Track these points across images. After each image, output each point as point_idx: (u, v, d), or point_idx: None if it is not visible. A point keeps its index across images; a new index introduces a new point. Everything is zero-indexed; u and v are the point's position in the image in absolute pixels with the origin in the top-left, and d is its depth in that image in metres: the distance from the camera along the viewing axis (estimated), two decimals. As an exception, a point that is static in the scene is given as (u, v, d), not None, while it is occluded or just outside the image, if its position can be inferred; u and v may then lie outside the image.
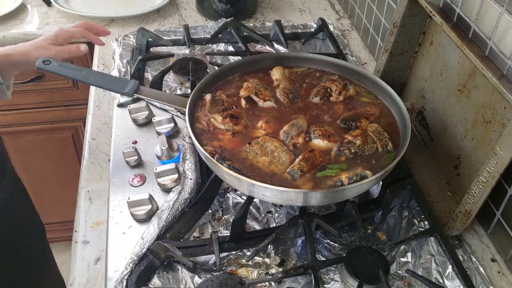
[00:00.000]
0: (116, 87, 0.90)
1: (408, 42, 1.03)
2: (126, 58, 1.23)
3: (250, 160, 0.80)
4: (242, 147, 0.82)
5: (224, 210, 0.89)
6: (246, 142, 0.82)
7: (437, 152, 0.98)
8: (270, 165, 0.79)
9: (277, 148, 0.81)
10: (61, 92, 1.58)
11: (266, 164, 0.79)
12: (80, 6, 1.52)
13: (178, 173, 0.89)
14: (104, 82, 0.90)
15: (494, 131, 0.80)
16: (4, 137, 1.62)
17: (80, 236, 0.83)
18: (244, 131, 0.86)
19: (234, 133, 0.85)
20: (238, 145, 0.83)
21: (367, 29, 1.36)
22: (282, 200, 0.76)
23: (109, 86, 0.90)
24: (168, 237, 0.79)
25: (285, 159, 0.79)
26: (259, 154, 0.80)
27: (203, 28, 1.39)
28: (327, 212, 0.89)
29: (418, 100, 1.05)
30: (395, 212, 0.88)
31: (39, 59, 0.88)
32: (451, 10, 0.88)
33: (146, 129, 1.04)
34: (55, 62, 0.88)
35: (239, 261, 0.80)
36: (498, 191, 0.79)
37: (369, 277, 0.74)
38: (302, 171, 0.77)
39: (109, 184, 0.91)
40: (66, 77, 0.90)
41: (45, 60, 0.88)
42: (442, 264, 0.79)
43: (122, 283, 0.72)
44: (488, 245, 0.85)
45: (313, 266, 0.74)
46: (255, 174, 0.77)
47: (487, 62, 0.77)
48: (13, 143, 1.66)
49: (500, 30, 0.76)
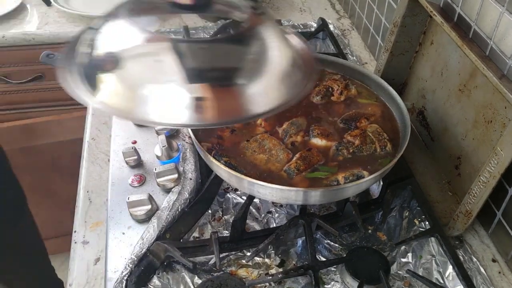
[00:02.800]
0: None
1: (409, 42, 1.02)
2: (126, 58, 1.23)
3: (247, 157, 0.80)
4: (240, 144, 0.82)
5: (224, 210, 0.88)
6: (245, 140, 0.82)
7: (438, 152, 0.98)
8: (267, 162, 0.79)
9: (275, 146, 0.81)
10: (61, 92, 1.56)
11: (263, 161, 0.79)
12: (80, 6, 1.51)
13: (178, 173, 0.89)
14: None
15: (494, 131, 0.80)
16: (4, 137, 1.62)
17: (80, 236, 0.83)
18: (243, 129, 0.86)
19: (233, 130, 0.85)
20: (237, 142, 0.83)
21: (367, 28, 1.36)
22: (281, 198, 0.76)
23: None
24: (167, 237, 0.79)
25: (282, 157, 0.79)
26: (257, 151, 0.80)
27: (203, 29, 1.39)
28: (327, 212, 0.89)
29: (418, 100, 1.04)
30: (395, 212, 0.88)
31: (44, 53, 0.89)
32: (452, 10, 0.88)
33: (145, 129, 1.03)
34: (59, 55, 0.89)
35: (239, 262, 0.80)
36: (498, 191, 0.79)
37: (370, 277, 0.74)
38: (298, 169, 0.77)
39: (108, 184, 0.91)
40: None
41: (49, 54, 0.89)
42: (442, 264, 0.79)
43: (121, 283, 0.72)
44: (489, 245, 0.85)
45: (313, 267, 0.74)
46: (251, 171, 0.77)
47: (488, 62, 0.77)
48: (13, 143, 1.66)
49: (500, 30, 0.76)
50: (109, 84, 0.58)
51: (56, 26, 1.44)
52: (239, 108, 0.59)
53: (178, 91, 0.56)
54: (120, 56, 0.58)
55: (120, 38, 0.60)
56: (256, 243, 0.78)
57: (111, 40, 0.61)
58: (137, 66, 0.58)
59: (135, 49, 0.58)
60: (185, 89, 0.56)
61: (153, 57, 0.58)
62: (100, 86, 0.58)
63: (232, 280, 0.74)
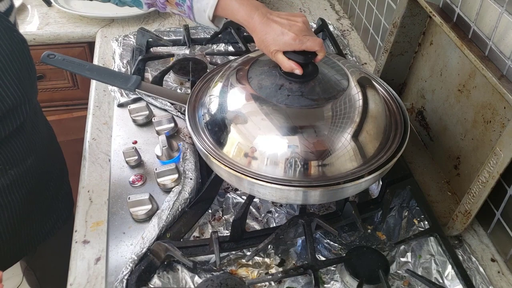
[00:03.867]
0: (118, 82, 0.92)
1: (408, 42, 1.03)
2: (126, 58, 1.23)
3: None
4: None
5: (224, 210, 0.89)
6: None
7: (437, 152, 0.98)
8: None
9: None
10: (61, 92, 1.58)
11: None
12: (80, 6, 1.52)
13: (178, 173, 0.90)
14: (106, 77, 0.92)
15: (494, 131, 0.80)
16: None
17: (80, 236, 0.83)
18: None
19: None
20: None
21: (367, 29, 1.36)
22: (280, 198, 0.76)
23: (111, 81, 0.92)
24: (168, 237, 0.79)
25: None
26: None
27: (203, 28, 1.39)
28: (327, 212, 0.89)
29: (418, 100, 1.05)
30: (395, 212, 0.88)
31: (45, 53, 0.90)
32: (451, 10, 0.88)
33: (146, 129, 1.04)
34: (59, 56, 0.91)
35: (239, 261, 0.80)
36: (498, 191, 0.79)
37: (369, 277, 0.74)
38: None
39: (109, 184, 0.91)
40: (70, 72, 0.92)
41: (50, 54, 0.90)
42: (442, 264, 0.79)
43: (122, 282, 0.72)
44: (488, 245, 0.85)
45: (313, 266, 0.74)
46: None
47: (487, 62, 0.77)
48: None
49: (500, 30, 0.76)
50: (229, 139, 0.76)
51: (56, 27, 1.44)
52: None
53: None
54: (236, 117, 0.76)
55: (233, 100, 0.78)
56: (256, 243, 0.78)
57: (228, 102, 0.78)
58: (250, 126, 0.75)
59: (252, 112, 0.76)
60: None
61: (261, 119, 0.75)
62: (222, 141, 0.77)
63: (232, 279, 0.74)
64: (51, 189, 1.01)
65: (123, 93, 1.11)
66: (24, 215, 0.93)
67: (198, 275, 0.77)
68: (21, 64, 0.80)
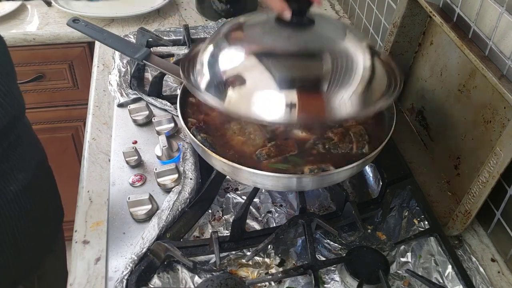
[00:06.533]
0: (128, 51, 0.97)
1: (408, 42, 1.03)
2: (126, 58, 1.23)
3: (227, 137, 0.81)
4: (225, 125, 0.83)
5: (224, 210, 0.89)
6: (230, 120, 0.84)
7: (437, 152, 0.98)
8: (243, 145, 0.80)
9: (255, 130, 0.82)
10: (61, 92, 1.58)
11: (239, 143, 0.80)
12: (80, 6, 1.51)
13: (178, 173, 0.89)
14: (119, 45, 0.99)
15: (494, 131, 0.80)
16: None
17: (80, 236, 0.83)
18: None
19: None
20: (222, 122, 0.84)
21: (367, 29, 1.36)
22: (274, 186, 0.78)
23: (123, 49, 0.98)
24: (168, 237, 0.79)
25: (258, 142, 0.81)
26: (237, 133, 0.82)
27: (203, 28, 1.39)
28: (327, 212, 0.89)
29: (418, 100, 1.05)
30: (395, 212, 0.88)
31: (71, 18, 0.98)
32: (451, 10, 0.88)
33: (146, 129, 1.04)
34: (83, 22, 0.98)
35: (239, 261, 0.80)
36: (498, 191, 0.79)
37: (369, 277, 0.74)
38: (269, 155, 0.78)
39: (109, 184, 0.91)
40: (90, 37, 0.99)
41: (75, 19, 0.98)
42: (442, 264, 0.79)
43: (122, 283, 0.72)
44: (488, 245, 0.85)
45: (313, 266, 0.74)
46: (225, 151, 0.79)
47: (487, 62, 0.77)
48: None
49: (500, 30, 0.76)
50: (229, 93, 0.71)
51: (56, 27, 1.44)
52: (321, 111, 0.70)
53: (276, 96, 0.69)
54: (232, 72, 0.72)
55: (227, 57, 0.73)
56: (256, 243, 0.78)
57: (222, 59, 0.74)
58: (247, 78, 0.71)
59: (244, 65, 0.72)
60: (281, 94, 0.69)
61: (257, 70, 0.71)
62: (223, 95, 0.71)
63: (232, 279, 0.74)
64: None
65: (123, 93, 1.11)
66: (41, 219, 0.92)
67: (198, 275, 0.76)
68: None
